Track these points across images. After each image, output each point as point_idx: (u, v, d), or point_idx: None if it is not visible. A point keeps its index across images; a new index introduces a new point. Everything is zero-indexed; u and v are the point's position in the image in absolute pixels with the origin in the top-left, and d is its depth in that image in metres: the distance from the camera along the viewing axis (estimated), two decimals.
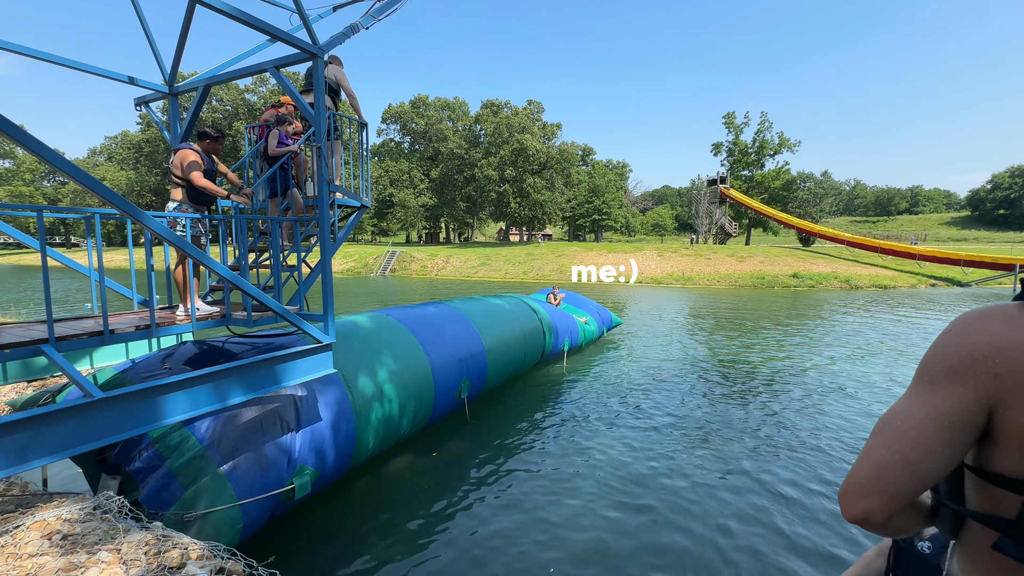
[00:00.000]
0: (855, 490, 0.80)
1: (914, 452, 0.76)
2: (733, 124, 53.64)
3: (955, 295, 23.92)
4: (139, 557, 2.02)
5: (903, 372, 9.23)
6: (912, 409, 0.79)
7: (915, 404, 0.79)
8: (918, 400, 0.79)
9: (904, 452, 0.76)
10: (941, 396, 0.76)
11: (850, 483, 0.82)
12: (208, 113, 55.78)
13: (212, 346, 4.38)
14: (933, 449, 0.75)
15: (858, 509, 0.79)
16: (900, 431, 0.78)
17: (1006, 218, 77.78)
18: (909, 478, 0.76)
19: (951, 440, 0.75)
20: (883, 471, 0.77)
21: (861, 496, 0.79)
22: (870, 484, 0.78)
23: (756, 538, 4.03)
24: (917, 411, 0.78)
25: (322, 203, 4.04)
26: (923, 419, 0.76)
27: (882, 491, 0.77)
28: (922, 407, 0.78)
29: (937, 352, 0.79)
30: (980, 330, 0.75)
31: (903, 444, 0.76)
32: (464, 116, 65.54)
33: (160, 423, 2.96)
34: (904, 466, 0.76)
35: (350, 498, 4.65)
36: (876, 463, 0.78)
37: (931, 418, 0.76)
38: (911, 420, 0.78)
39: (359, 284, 30.66)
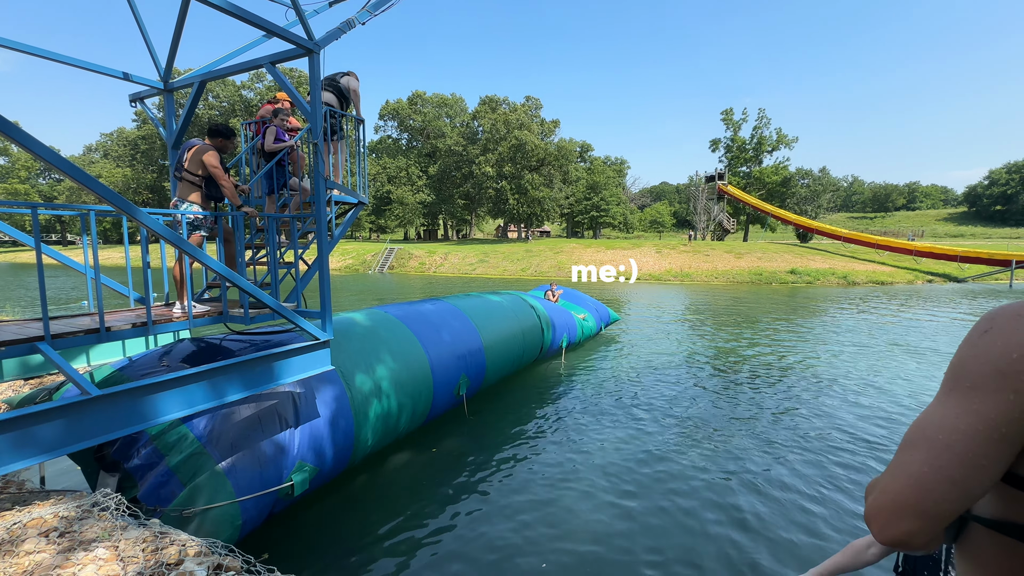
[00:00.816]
0: (892, 510, 0.72)
1: (960, 469, 0.67)
2: (731, 120, 53.61)
3: (951, 291, 24.01)
4: (136, 554, 2.02)
5: (898, 367, 9.26)
6: (953, 419, 0.70)
7: (956, 413, 0.70)
8: (959, 409, 0.70)
9: (949, 469, 0.67)
10: (988, 404, 0.67)
11: (883, 502, 0.73)
12: (204, 110, 55.53)
13: (210, 343, 4.37)
14: (981, 464, 0.66)
15: (897, 531, 0.71)
16: (943, 445, 0.69)
17: (1003, 214, 78.03)
18: (956, 497, 0.67)
19: (1001, 454, 0.66)
20: (926, 491, 0.68)
21: (899, 517, 0.71)
22: (910, 504, 0.70)
23: (757, 536, 4.05)
24: (960, 422, 0.69)
25: (319, 200, 4.03)
26: (968, 431, 0.67)
27: (926, 512, 0.69)
28: (965, 417, 0.68)
29: (978, 353, 0.70)
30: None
31: (947, 460, 0.68)
32: (462, 112, 65.36)
33: (157, 420, 2.96)
34: (951, 485, 0.67)
35: (348, 495, 4.66)
36: (917, 481, 0.69)
37: (978, 430, 0.67)
38: (955, 432, 0.68)
39: (357, 281, 30.63)
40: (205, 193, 4.12)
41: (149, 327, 3.43)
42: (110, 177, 60.88)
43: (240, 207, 4.03)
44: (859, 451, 5.54)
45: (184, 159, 4.11)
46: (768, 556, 3.76)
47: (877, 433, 6.06)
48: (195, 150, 4.08)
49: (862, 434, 6.03)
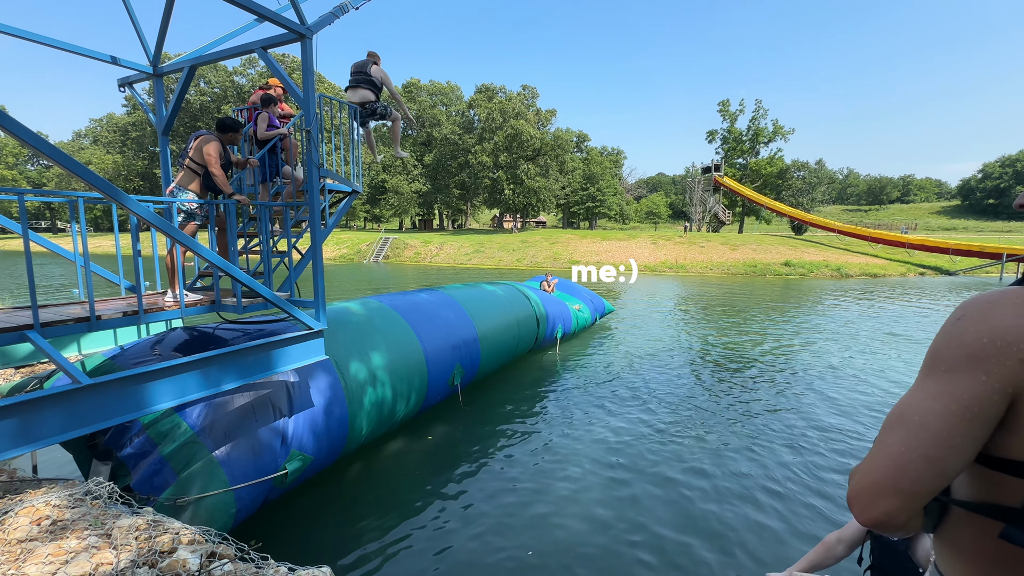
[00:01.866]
0: (872, 490, 0.74)
1: (935, 448, 0.70)
2: (728, 111, 53.39)
3: (943, 283, 24.24)
4: (129, 542, 2.02)
5: (885, 356, 9.37)
6: (929, 401, 0.73)
7: (932, 395, 0.73)
8: (934, 391, 0.73)
9: (925, 448, 0.70)
10: (961, 386, 0.70)
11: (864, 483, 0.76)
12: (195, 96, 54.65)
13: (203, 332, 4.35)
14: (955, 443, 0.70)
15: (876, 511, 0.73)
16: (919, 425, 0.72)
17: (995, 208, 78.58)
18: (932, 476, 0.70)
19: (973, 432, 0.70)
20: (903, 469, 0.71)
21: (879, 497, 0.73)
22: (888, 484, 0.72)
23: (750, 528, 4.11)
24: (936, 403, 0.72)
25: (312, 188, 3.99)
26: (943, 412, 0.71)
27: (903, 491, 0.71)
28: (940, 398, 0.72)
29: (952, 339, 0.73)
30: (1000, 315, 0.70)
31: (923, 439, 0.71)
32: (458, 101, 64.71)
33: (149, 410, 2.95)
34: (926, 463, 0.70)
35: (343, 483, 4.68)
36: (895, 461, 0.72)
37: (951, 410, 0.70)
38: (929, 413, 0.72)
39: (352, 271, 30.50)
40: (203, 183, 4.08)
41: (140, 316, 3.40)
42: (100, 164, 59.94)
43: (232, 195, 3.99)
44: (848, 439, 5.62)
45: (190, 148, 4.09)
46: (755, 546, 3.83)
47: (866, 422, 6.14)
48: (200, 140, 4.06)
49: (849, 424, 6.11)
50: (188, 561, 1.93)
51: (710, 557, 3.66)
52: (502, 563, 3.57)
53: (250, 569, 1.98)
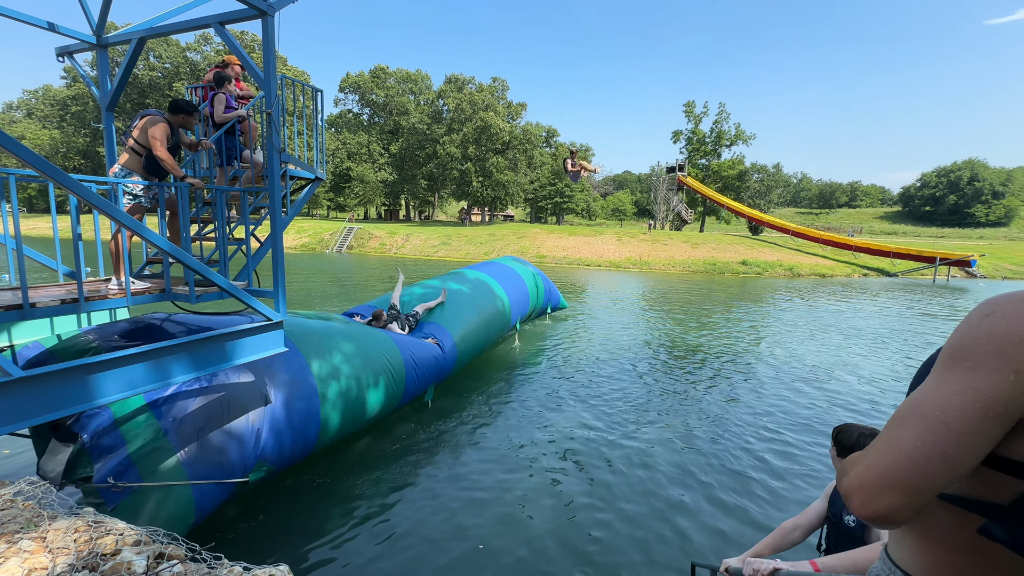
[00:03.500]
0: (877, 483, 0.72)
1: (953, 445, 0.68)
2: (693, 113, 54.84)
3: (883, 284, 25.86)
4: (68, 544, 1.90)
5: (833, 348, 9.93)
6: (950, 397, 0.70)
7: (954, 391, 0.70)
8: (957, 386, 0.70)
9: (943, 444, 0.68)
10: (988, 383, 0.68)
11: (869, 475, 0.74)
12: (144, 71, 51.31)
13: (153, 322, 4.12)
14: (974, 441, 0.67)
15: (880, 505, 0.71)
16: (938, 420, 0.69)
17: (931, 214, 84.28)
18: (945, 472, 0.68)
19: (992, 432, 0.67)
20: (916, 465, 0.69)
21: (884, 491, 0.71)
22: (898, 479, 0.70)
23: (709, 516, 4.28)
24: (957, 399, 0.69)
25: (272, 173, 3.83)
26: (965, 408, 0.68)
27: (912, 487, 0.69)
28: (963, 394, 0.69)
29: (981, 334, 0.71)
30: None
31: (941, 435, 0.68)
32: (427, 90, 63.53)
33: (93, 403, 2.77)
34: (942, 459, 0.68)
35: (302, 480, 4.56)
36: (908, 456, 0.70)
37: (974, 407, 0.68)
38: (950, 408, 0.69)
39: (313, 261, 29.58)
40: (146, 166, 3.81)
41: (81, 304, 3.17)
42: (35, 139, 55.45)
43: (183, 178, 3.77)
44: (799, 429, 5.93)
45: (135, 127, 3.81)
46: (709, 537, 3.99)
47: (815, 407, 6.50)
48: (145, 121, 3.79)
49: (799, 411, 6.45)
50: (133, 563, 1.83)
51: (666, 545, 3.78)
52: (458, 557, 3.58)
53: (202, 569, 1.90)
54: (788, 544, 1.92)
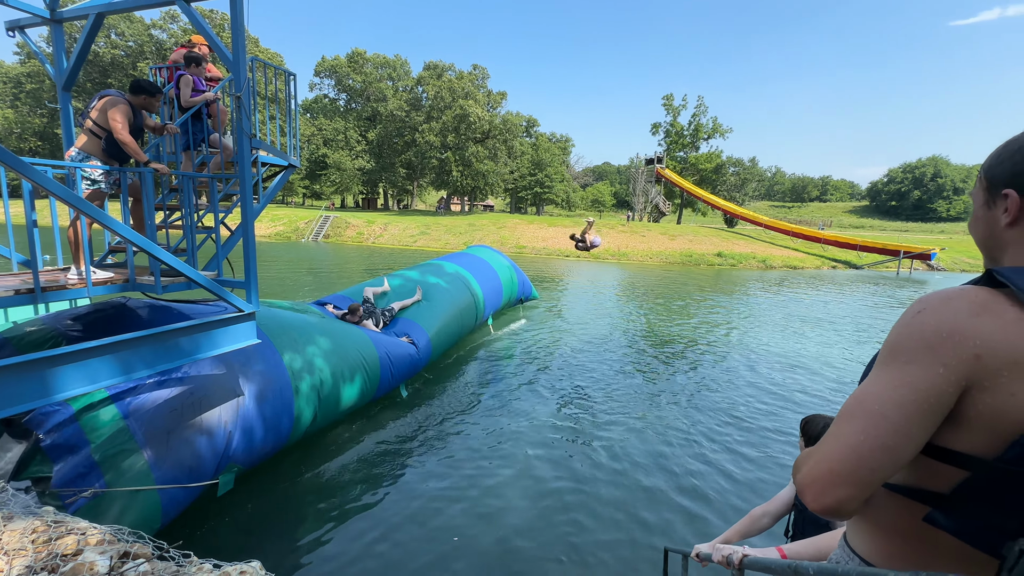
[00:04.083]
0: (828, 479, 0.76)
1: (894, 437, 0.72)
2: (671, 105, 55.29)
3: (849, 276, 26.78)
4: (24, 546, 1.82)
5: (801, 336, 10.27)
6: (889, 391, 0.75)
7: (892, 386, 0.75)
8: (894, 381, 0.75)
9: (884, 437, 0.72)
10: (920, 377, 0.72)
11: (819, 471, 0.77)
12: (106, 48, 48.79)
13: (119, 311, 3.96)
14: (912, 432, 0.72)
15: (830, 499, 0.75)
16: (879, 415, 0.74)
17: (896, 209, 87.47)
18: (889, 463, 0.73)
19: (928, 421, 0.72)
20: (862, 459, 0.73)
21: (834, 486, 0.75)
22: (845, 473, 0.74)
23: (675, 500, 4.38)
24: (895, 393, 0.74)
25: (243, 159, 3.70)
26: (902, 402, 0.73)
27: (860, 479, 0.73)
28: (900, 389, 0.73)
29: (913, 331, 0.76)
30: (956, 311, 0.73)
31: (883, 429, 0.73)
32: (405, 76, 62.25)
33: (53, 398, 2.65)
34: (884, 452, 0.72)
35: (275, 474, 4.49)
36: (854, 450, 0.74)
37: (911, 400, 0.72)
38: (889, 403, 0.73)
39: (289, 250, 28.89)
40: (106, 149, 3.62)
41: (37, 294, 3.02)
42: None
43: (147, 163, 3.60)
44: (770, 418, 6.12)
45: (92, 107, 3.61)
46: (681, 524, 4.09)
47: (789, 389, 6.72)
48: (105, 101, 3.59)
49: (773, 400, 6.66)
50: (96, 563, 1.76)
51: (640, 532, 3.87)
52: (432, 549, 3.59)
53: (170, 568, 1.84)
54: (757, 530, 1.98)
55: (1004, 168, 0.81)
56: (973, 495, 0.73)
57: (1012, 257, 0.81)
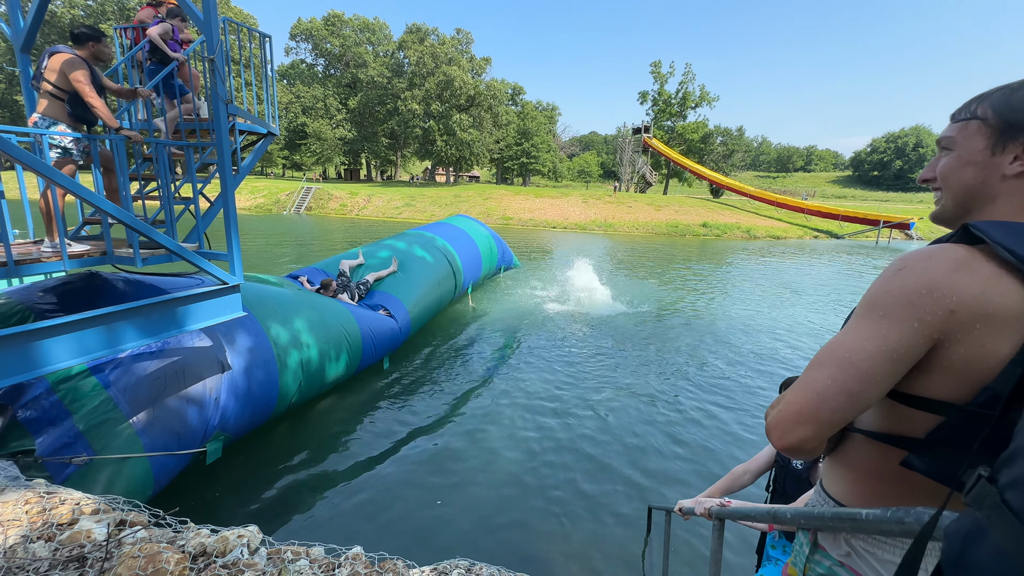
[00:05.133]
0: (791, 419, 0.81)
1: (859, 383, 0.77)
2: (659, 73, 54.35)
3: (830, 246, 27.27)
4: (19, 516, 1.83)
5: (784, 305, 10.53)
6: (861, 341, 0.79)
7: (864, 337, 0.80)
8: (867, 333, 0.80)
9: (849, 383, 0.78)
10: (894, 329, 0.77)
11: (785, 412, 0.83)
12: (65, 8, 45.78)
13: (98, 282, 3.88)
14: (877, 380, 0.77)
15: (792, 438, 0.81)
16: (848, 362, 0.79)
17: (878, 179, 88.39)
18: (849, 407, 0.78)
19: (894, 371, 0.77)
20: (825, 400, 0.79)
21: (797, 425, 0.81)
22: (808, 413, 0.80)
23: (660, 461, 4.54)
24: (867, 344, 0.78)
25: (219, 127, 3.57)
26: (872, 351, 0.78)
27: (821, 420, 0.79)
28: (872, 340, 0.78)
29: (891, 287, 0.79)
30: (936, 268, 0.76)
31: (849, 374, 0.78)
32: (386, 41, 59.85)
33: (37, 371, 2.61)
34: (847, 396, 0.78)
35: (268, 441, 4.53)
36: (818, 393, 0.80)
37: (880, 350, 0.77)
38: (859, 352, 0.79)
39: (270, 223, 28.26)
40: (71, 112, 3.44)
41: (10, 268, 2.93)
42: None
43: (119, 130, 3.45)
44: (752, 379, 6.32)
45: (44, 66, 3.37)
46: (666, 484, 4.26)
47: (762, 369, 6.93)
48: (59, 59, 3.34)
49: (745, 369, 6.86)
50: (93, 531, 1.79)
51: (626, 491, 4.03)
52: (423, 511, 3.70)
53: (167, 534, 1.88)
54: (738, 487, 2.08)
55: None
56: (946, 438, 0.78)
57: (996, 210, 0.81)
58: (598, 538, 3.48)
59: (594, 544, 3.42)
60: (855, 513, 0.82)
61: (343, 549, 1.90)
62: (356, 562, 1.84)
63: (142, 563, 1.60)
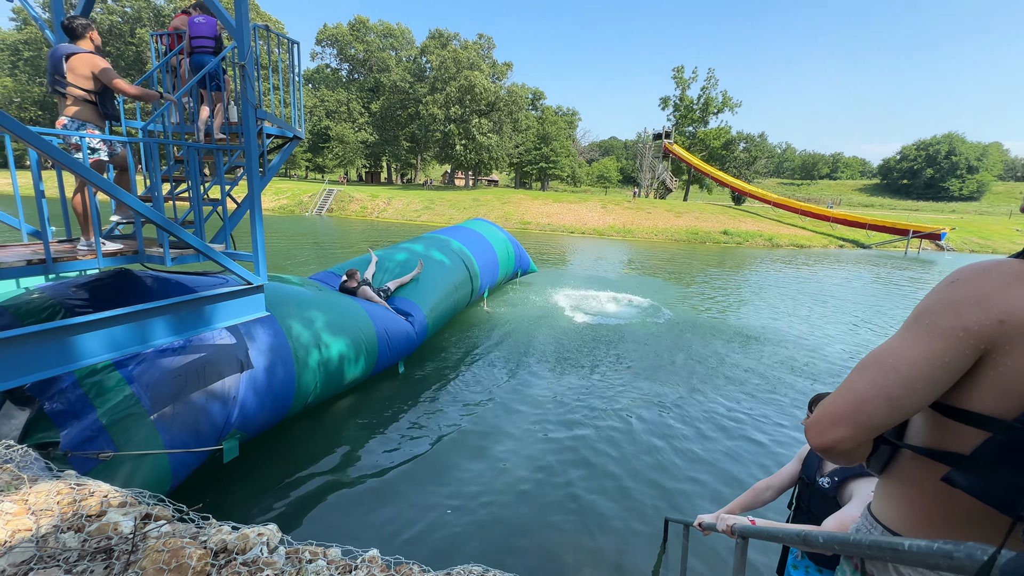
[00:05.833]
0: (828, 420, 0.83)
1: (899, 388, 0.78)
2: (681, 78, 53.91)
3: (856, 255, 26.57)
4: (51, 506, 1.89)
5: (805, 314, 10.27)
6: (906, 348, 0.80)
7: (911, 344, 0.80)
8: (915, 340, 0.80)
9: (889, 387, 0.78)
10: (942, 338, 0.77)
11: (823, 414, 0.85)
12: (103, 14, 47.69)
13: (128, 281, 4.00)
14: (918, 387, 0.77)
15: (828, 438, 0.82)
16: (890, 367, 0.79)
17: (907, 188, 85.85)
18: (887, 412, 0.79)
19: (939, 380, 0.77)
20: (862, 403, 0.80)
21: (833, 426, 0.82)
22: (845, 415, 0.81)
23: (679, 472, 4.47)
24: (911, 351, 0.79)
25: (248, 131, 3.66)
26: (916, 359, 0.78)
27: (858, 423, 0.80)
28: (918, 347, 0.78)
29: (944, 297, 0.80)
30: (989, 281, 0.76)
31: (890, 380, 0.79)
32: (408, 46, 60.76)
33: (73, 365, 2.71)
34: (885, 400, 0.78)
35: (286, 441, 4.60)
36: (857, 396, 0.81)
37: (925, 358, 0.77)
38: (904, 358, 0.79)
39: (292, 224, 28.83)
40: (101, 112, 3.53)
41: (48, 265, 3.05)
42: None
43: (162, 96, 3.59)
44: (776, 393, 6.18)
45: (65, 69, 3.38)
46: (684, 496, 4.18)
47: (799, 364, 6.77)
48: (81, 61, 3.38)
49: (773, 379, 6.71)
50: (120, 524, 1.83)
51: (642, 502, 3.97)
52: (441, 513, 3.70)
53: (190, 529, 1.92)
54: (760, 503, 2.03)
55: None
56: (993, 455, 0.76)
57: None
58: (611, 548, 3.43)
59: (607, 555, 3.37)
60: (897, 543, 0.78)
61: (360, 551, 1.91)
62: (372, 565, 1.85)
63: (166, 557, 1.63)
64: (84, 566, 1.61)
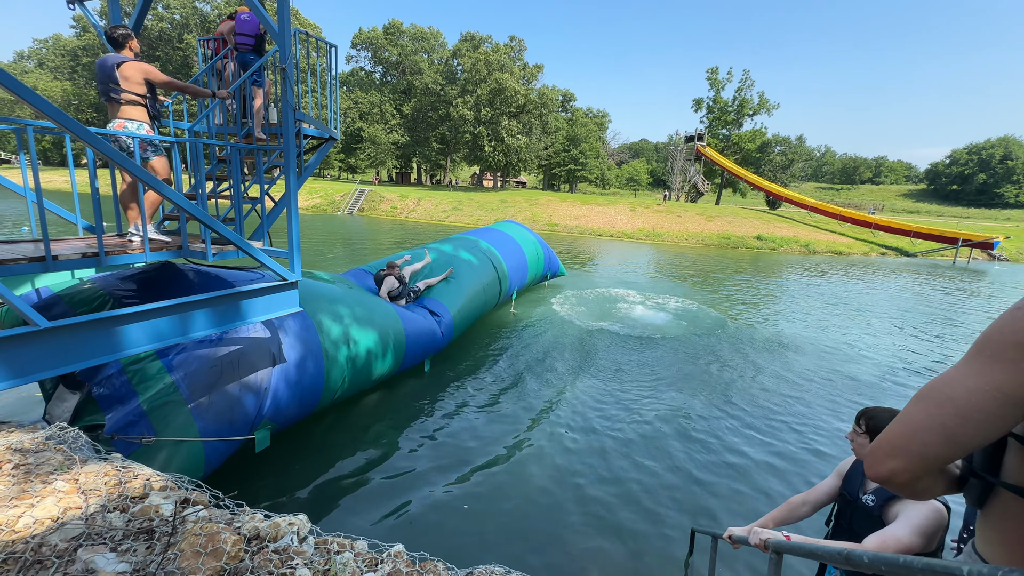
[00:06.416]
0: (884, 450, 0.82)
1: (954, 419, 0.74)
2: (715, 79, 52.71)
3: (900, 264, 25.35)
4: (99, 487, 1.99)
5: (843, 329, 9.87)
6: (964, 379, 0.76)
7: (969, 375, 0.76)
8: (973, 371, 0.76)
9: (943, 418, 0.75)
10: (1002, 370, 0.73)
11: (880, 443, 0.84)
12: (153, 21, 50.16)
13: (170, 274, 4.19)
14: (976, 419, 0.73)
15: (883, 468, 0.81)
16: (945, 397, 0.77)
17: (957, 194, 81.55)
18: (942, 444, 0.75)
19: (1000, 413, 0.73)
20: (916, 434, 0.77)
21: (888, 457, 0.81)
22: (899, 446, 0.79)
23: (707, 483, 4.36)
24: (969, 381, 0.75)
25: (287, 132, 3.78)
26: (973, 389, 0.74)
27: (912, 454, 0.78)
28: (975, 378, 0.75)
29: (1006, 326, 0.75)
30: None
31: (945, 411, 0.76)
32: (440, 49, 61.53)
33: (119, 354, 2.85)
34: (939, 432, 0.75)
35: (314, 433, 4.72)
36: (912, 426, 0.79)
37: (983, 389, 0.73)
38: (960, 388, 0.76)
39: (325, 222, 29.60)
40: (152, 115, 3.75)
41: (101, 258, 3.22)
42: (47, 90, 55.07)
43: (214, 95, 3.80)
44: (811, 407, 5.96)
45: (119, 78, 3.59)
46: (715, 505, 4.08)
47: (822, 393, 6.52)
48: (132, 69, 3.60)
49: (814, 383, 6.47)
50: (161, 507, 1.92)
51: (668, 512, 3.89)
52: (465, 510, 3.72)
53: (225, 516, 1.99)
54: (795, 518, 1.96)
55: None
56: None
57: None
58: (635, 557, 3.37)
59: (630, 563, 3.32)
60: (955, 568, 0.74)
61: (386, 545, 1.94)
62: (398, 560, 1.87)
63: (203, 541, 1.70)
64: (128, 544, 1.69)
